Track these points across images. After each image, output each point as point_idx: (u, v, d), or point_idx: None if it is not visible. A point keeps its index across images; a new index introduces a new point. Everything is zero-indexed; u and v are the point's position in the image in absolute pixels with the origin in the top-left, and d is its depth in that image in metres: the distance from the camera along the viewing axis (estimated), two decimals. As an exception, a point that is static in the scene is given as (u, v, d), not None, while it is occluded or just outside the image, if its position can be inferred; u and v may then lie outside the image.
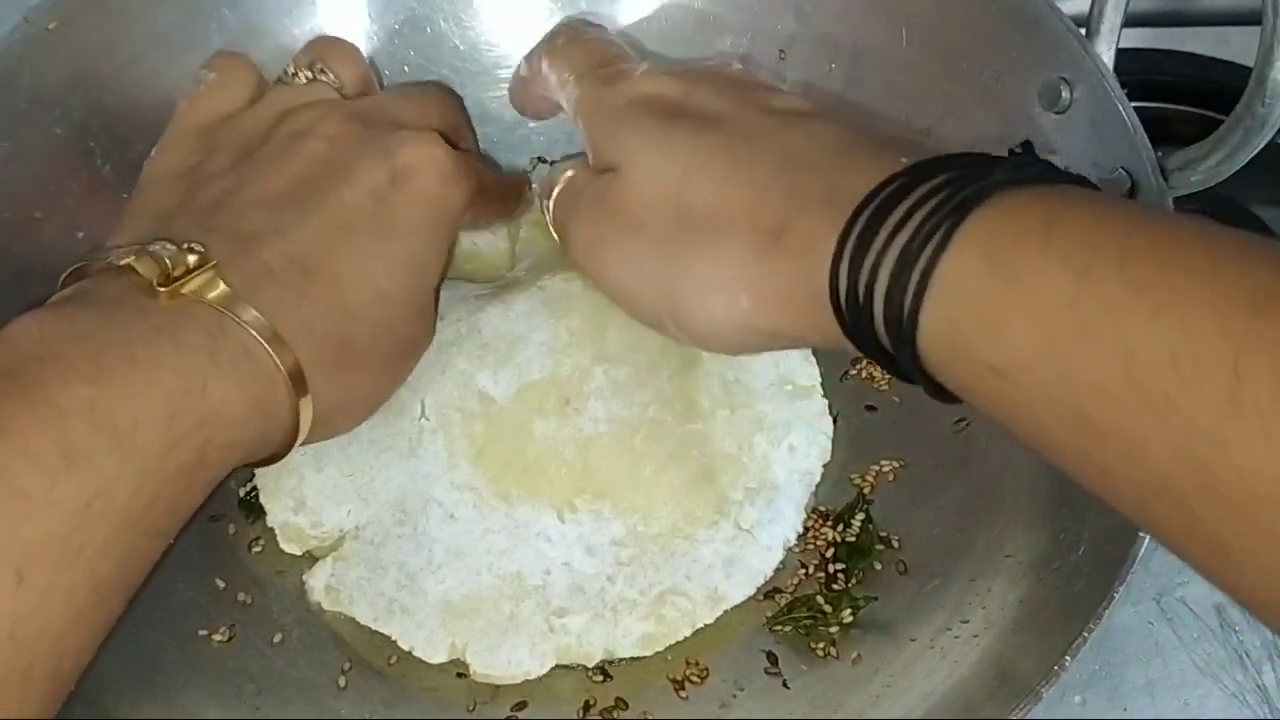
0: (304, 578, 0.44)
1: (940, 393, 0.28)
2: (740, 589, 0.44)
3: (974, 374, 0.26)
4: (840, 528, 0.45)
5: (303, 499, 0.44)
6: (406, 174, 0.38)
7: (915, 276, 0.26)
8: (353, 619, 0.43)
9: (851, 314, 0.28)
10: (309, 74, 0.44)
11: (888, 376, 0.45)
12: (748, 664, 0.43)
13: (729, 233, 0.31)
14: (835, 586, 0.44)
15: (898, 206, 0.27)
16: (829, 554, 0.44)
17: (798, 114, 0.35)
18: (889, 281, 0.27)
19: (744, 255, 0.31)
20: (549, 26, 0.52)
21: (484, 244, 0.50)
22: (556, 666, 0.43)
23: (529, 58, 0.45)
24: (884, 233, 0.27)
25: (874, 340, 0.28)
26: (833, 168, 0.30)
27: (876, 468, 0.46)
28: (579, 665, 0.43)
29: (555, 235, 0.41)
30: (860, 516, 0.45)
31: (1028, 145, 0.33)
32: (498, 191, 0.45)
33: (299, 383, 0.34)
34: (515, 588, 0.43)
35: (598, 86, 0.39)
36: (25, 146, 0.45)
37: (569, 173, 0.39)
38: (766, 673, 0.42)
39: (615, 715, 0.42)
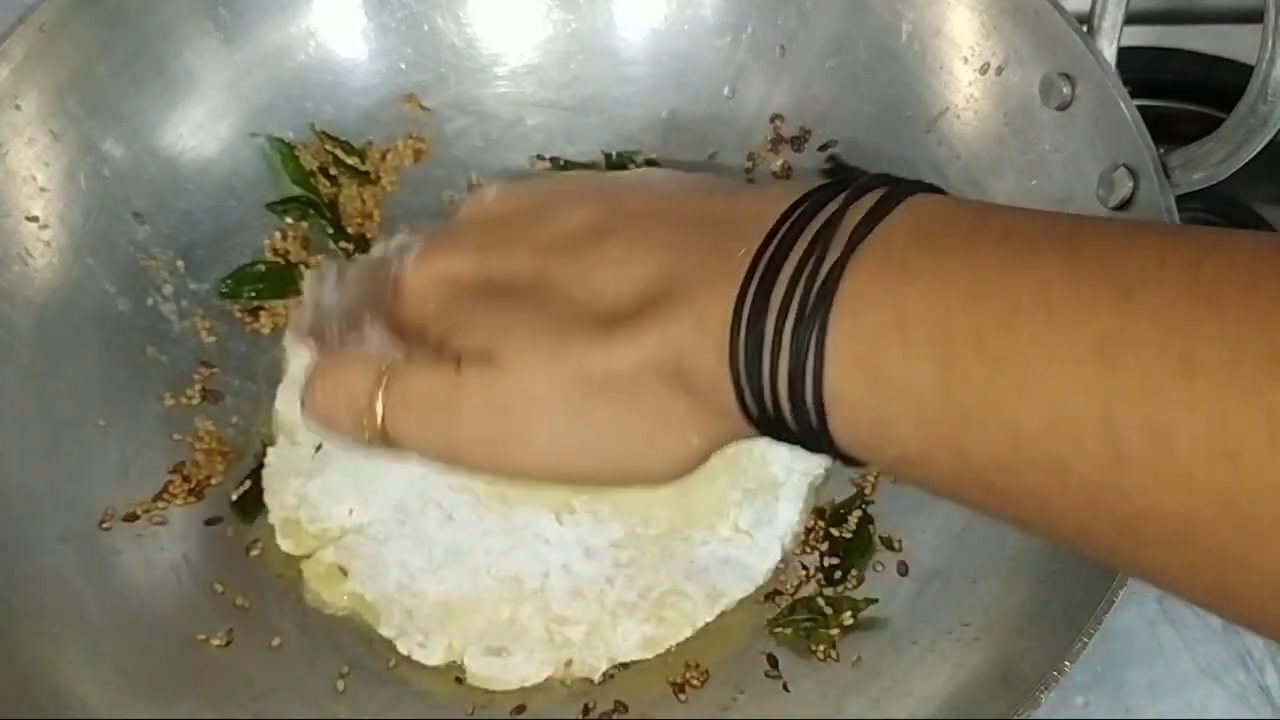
0: (302, 570, 0.44)
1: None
2: (740, 586, 0.44)
3: (887, 464, 0.27)
4: (838, 525, 0.45)
5: (304, 497, 0.44)
6: None
7: (810, 399, 0.26)
8: (351, 622, 0.43)
9: (764, 421, 0.28)
10: None
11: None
12: (748, 667, 0.42)
13: (635, 386, 0.29)
14: (834, 585, 0.44)
15: (765, 319, 0.26)
16: (824, 547, 0.44)
17: (595, 233, 0.31)
18: (789, 395, 0.26)
19: (663, 404, 0.29)
20: (547, 22, 0.52)
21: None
22: (557, 670, 0.43)
23: None
24: (767, 356, 0.26)
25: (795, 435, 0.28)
26: (684, 280, 0.28)
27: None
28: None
29: (391, 445, 0.31)
30: (858, 514, 0.45)
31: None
32: None
33: None
34: (514, 590, 0.43)
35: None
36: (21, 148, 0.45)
37: (376, 375, 0.31)
38: (767, 675, 0.42)
39: (615, 718, 0.42)
